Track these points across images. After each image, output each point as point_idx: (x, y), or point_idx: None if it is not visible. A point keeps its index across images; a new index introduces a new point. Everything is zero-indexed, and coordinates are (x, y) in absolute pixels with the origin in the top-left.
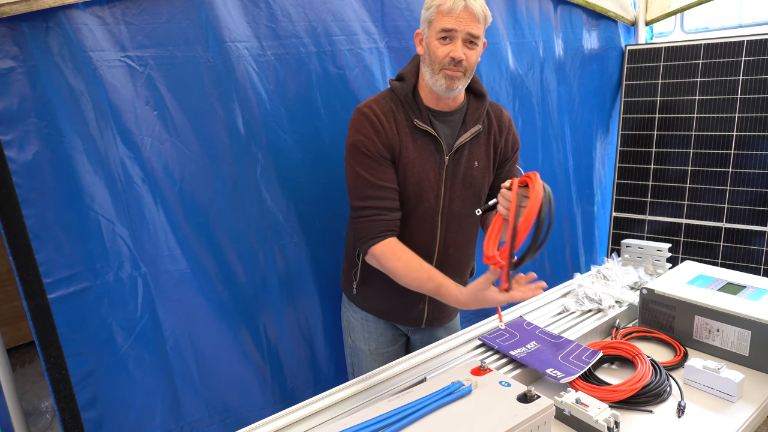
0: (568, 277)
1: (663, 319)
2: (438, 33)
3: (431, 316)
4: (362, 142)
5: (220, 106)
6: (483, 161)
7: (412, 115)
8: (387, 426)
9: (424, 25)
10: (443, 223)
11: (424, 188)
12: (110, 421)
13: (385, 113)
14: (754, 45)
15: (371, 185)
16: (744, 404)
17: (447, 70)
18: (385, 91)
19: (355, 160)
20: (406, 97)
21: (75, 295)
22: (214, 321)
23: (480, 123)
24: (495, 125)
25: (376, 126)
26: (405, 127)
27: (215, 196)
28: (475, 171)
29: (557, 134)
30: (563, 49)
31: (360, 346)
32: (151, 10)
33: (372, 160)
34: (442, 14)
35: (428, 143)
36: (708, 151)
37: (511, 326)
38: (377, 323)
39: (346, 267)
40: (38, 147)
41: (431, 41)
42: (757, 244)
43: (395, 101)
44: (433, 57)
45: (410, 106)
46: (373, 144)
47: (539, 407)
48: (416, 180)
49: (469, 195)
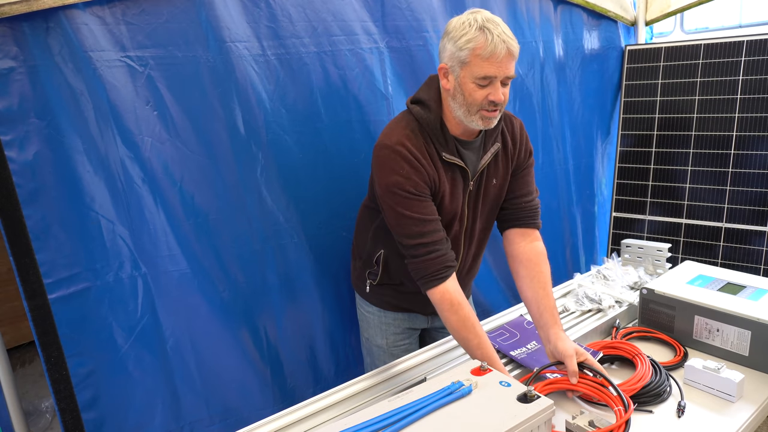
0: (568, 277)
1: (663, 319)
2: (478, 79)
3: None
4: (401, 183)
5: (220, 106)
6: (501, 177)
7: (440, 149)
8: (387, 426)
9: (453, 62)
10: (467, 242)
11: (451, 215)
12: (110, 421)
13: (419, 150)
14: (754, 45)
15: (417, 222)
16: (744, 404)
17: (484, 111)
18: (408, 120)
19: (395, 201)
20: (434, 130)
21: (75, 295)
22: (215, 321)
23: (498, 141)
24: (509, 139)
25: (414, 165)
26: (437, 160)
27: (215, 196)
28: (493, 188)
29: (557, 134)
30: (563, 50)
31: (377, 341)
32: (151, 10)
33: (413, 198)
34: (481, 59)
35: (456, 173)
36: (708, 151)
37: (511, 325)
38: (395, 315)
39: (359, 267)
40: (38, 147)
41: (466, 83)
42: (757, 244)
43: (423, 134)
44: (469, 99)
45: (438, 139)
46: (414, 184)
47: (539, 407)
48: (448, 210)
49: (487, 211)
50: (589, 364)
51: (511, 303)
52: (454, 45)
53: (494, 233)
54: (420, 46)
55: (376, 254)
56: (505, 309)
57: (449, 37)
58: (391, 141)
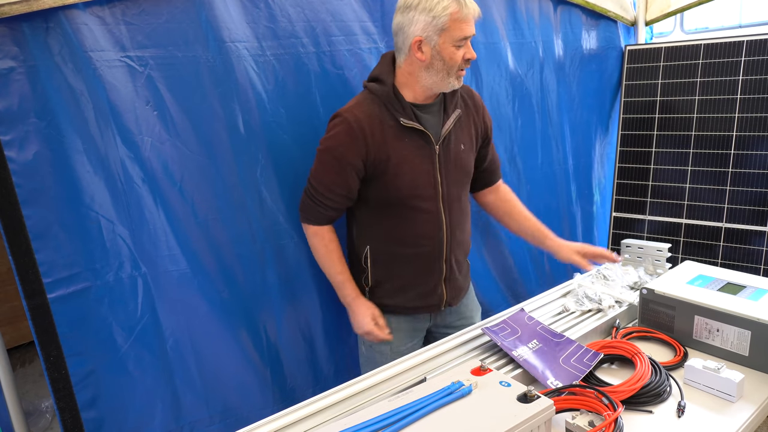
0: (568, 277)
1: (663, 319)
2: (457, 41)
3: (450, 295)
4: (333, 148)
5: (220, 106)
6: (468, 143)
7: (397, 115)
8: (387, 426)
9: (429, 32)
10: (446, 209)
11: (421, 182)
12: (110, 421)
13: (369, 117)
14: (754, 45)
15: (327, 185)
16: (744, 404)
17: (460, 71)
18: (363, 95)
19: (320, 160)
20: (388, 97)
21: (75, 295)
22: (214, 321)
23: (458, 108)
24: (471, 106)
25: (353, 134)
26: (391, 128)
27: (215, 196)
28: (463, 153)
29: (557, 134)
30: (563, 50)
31: (379, 347)
32: (151, 10)
33: (337, 164)
34: (459, 22)
35: (416, 138)
36: (708, 151)
37: (512, 320)
38: (397, 319)
39: (355, 274)
40: (38, 147)
41: (446, 47)
42: (757, 244)
43: (378, 104)
44: (450, 62)
45: (393, 106)
46: (344, 152)
47: (539, 407)
48: (411, 176)
49: (461, 176)
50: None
51: (510, 303)
52: (428, 15)
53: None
54: None
55: (363, 253)
56: (505, 309)
57: (418, 10)
58: (342, 110)
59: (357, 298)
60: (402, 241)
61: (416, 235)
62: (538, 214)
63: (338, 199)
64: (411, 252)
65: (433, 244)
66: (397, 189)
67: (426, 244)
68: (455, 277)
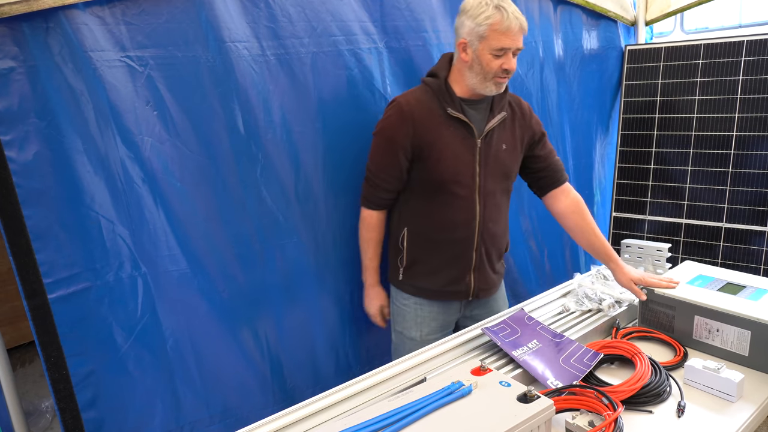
0: (567, 277)
1: (663, 319)
2: (495, 51)
3: (477, 287)
4: (386, 129)
5: (220, 106)
6: (510, 144)
7: (445, 105)
8: (387, 426)
9: (472, 37)
10: (481, 200)
11: (461, 170)
12: (110, 421)
13: (420, 104)
14: (754, 45)
15: (381, 166)
16: (744, 404)
17: (498, 78)
18: (419, 86)
19: (375, 143)
20: (440, 89)
21: (75, 295)
22: (214, 321)
23: (505, 111)
24: (518, 112)
25: (405, 116)
26: (439, 116)
27: (215, 196)
28: (503, 153)
29: (557, 134)
30: (563, 50)
31: (410, 333)
32: (151, 10)
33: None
34: (498, 33)
35: (461, 128)
36: (708, 151)
37: (512, 320)
38: (431, 306)
39: (392, 256)
40: (38, 147)
41: (483, 54)
42: (757, 244)
43: (429, 93)
44: (486, 68)
45: (443, 98)
46: (393, 134)
47: (539, 407)
48: (453, 162)
49: (499, 174)
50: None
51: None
52: (473, 21)
53: None
54: (419, 46)
55: (401, 235)
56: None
57: (467, 15)
58: (398, 96)
59: (374, 285)
60: (438, 225)
61: (451, 221)
62: (538, 214)
63: (391, 180)
64: (444, 237)
65: (465, 231)
66: (440, 173)
67: (459, 231)
68: (485, 268)
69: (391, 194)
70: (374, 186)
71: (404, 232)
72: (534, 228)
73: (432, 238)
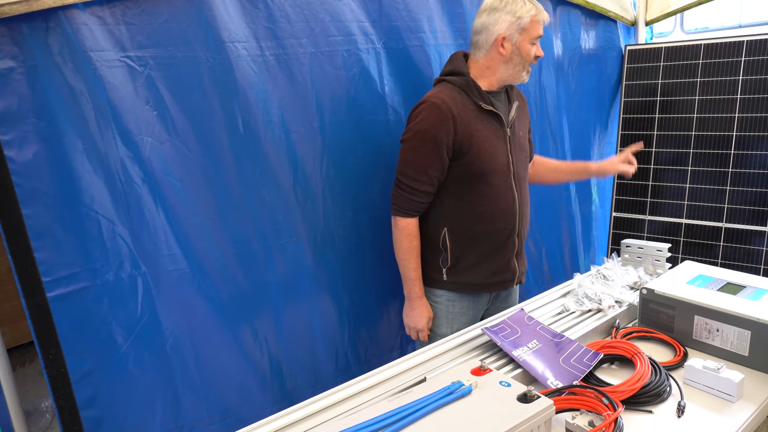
0: (567, 278)
1: (663, 319)
2: (534, 39)
3: (520, 271)
4: (425, 130)
5: (220, 106)
6: (524, 130)
7: (476, 100)
8: (387, 426)
9: (512, 31)
10: (516, 185)
11: (499, 159)
12: (109, 420)
13: (454, 101)
14: (754, 45)
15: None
16: (744, 404)
17: (530, 66)
18: (443, 86)
19: (411, 146)
20: (468, 85)
21: (74, 294)
22: (214, 321)
23: (516, 100)
24: (521, 101)
25: (444, 115)
26: (473, 111)
27: (215, 196)
28: (523, 139)
29: (556, 134)
30: (562, 49)
31: (441, 330)
32: (151, 10)
33: (428, 145)
34: (536, 23)
35: (492, 121)
36: (708, 151)
37: (512, 320)
38: (461, 302)
39: (431, 258)
40: (38, 147)
41: (524, 45)
42: (757, 244)
43: (456, 90)
44: (526, 57)
45: (473, 93)
46: (435, 134)
47: (539, 407)
48: (491, 153)
49: (524, 159)
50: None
51: None
52: (513, 16)
53: None
54: (417, 46)
55: (441, 235)
56: None
57: (504, 11)
58: (425, 98)
59: (422, 298)
60: (480, 217)
61: (492, 212)
62: (537, 214)
63: (434, 181)
64: (487, 228)
65: (506, 219)
66: (481, 165)
67: (501, 220)
68: (523, 252)
69: (429, 197)
70: (412, 192)
71: (444, 231)
72: (532, 228)
73: (474, 231)
